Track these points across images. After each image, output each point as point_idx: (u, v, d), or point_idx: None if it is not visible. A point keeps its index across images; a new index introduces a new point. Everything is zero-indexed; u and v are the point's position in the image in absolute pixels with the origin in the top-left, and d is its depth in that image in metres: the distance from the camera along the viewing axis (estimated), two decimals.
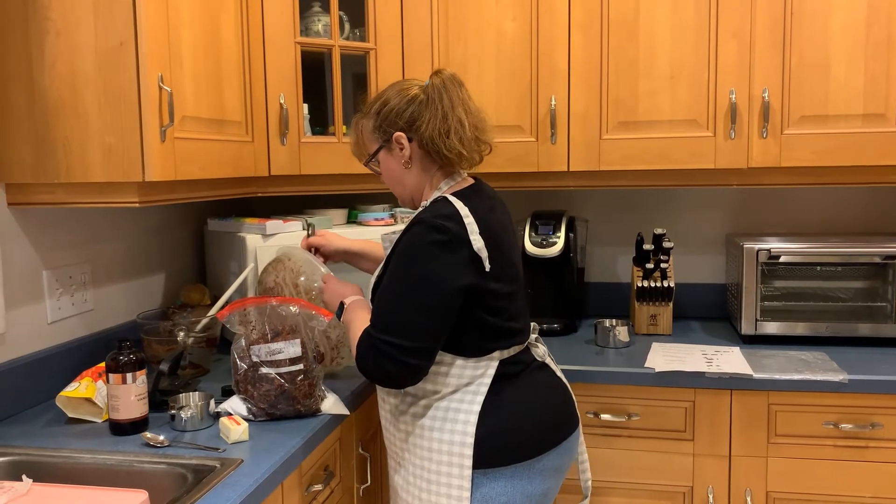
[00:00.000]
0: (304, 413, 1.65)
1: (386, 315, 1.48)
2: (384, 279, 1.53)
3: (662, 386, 2.00)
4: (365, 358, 1.48)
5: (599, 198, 2.67)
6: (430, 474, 1.53)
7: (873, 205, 2.50)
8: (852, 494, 1.95)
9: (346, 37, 2.26)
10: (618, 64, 2.20)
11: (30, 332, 1.77)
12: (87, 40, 1.55)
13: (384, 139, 1.61)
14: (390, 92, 1.63)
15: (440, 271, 1.46)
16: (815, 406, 1.95)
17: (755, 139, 2.14)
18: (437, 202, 1.54)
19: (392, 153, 1.62)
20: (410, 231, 1.49)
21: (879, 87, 2.07)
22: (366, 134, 1.65)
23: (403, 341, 1.44)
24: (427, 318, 1.46)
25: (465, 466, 1.50)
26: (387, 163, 1.64)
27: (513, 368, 1.57)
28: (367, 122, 1.64)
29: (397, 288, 1.48)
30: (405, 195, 1.67)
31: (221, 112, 1.85)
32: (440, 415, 1.54)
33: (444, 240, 1.46)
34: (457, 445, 1.51)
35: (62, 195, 1.64)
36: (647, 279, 2.37)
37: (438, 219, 1.47)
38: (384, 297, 1.50)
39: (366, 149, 1.67)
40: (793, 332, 2.23)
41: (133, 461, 1.44)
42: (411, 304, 1.46)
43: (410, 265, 1.47)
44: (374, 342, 1.47)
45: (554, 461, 1.59)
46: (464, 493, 1.50)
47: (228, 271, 2.23)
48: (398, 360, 1.45)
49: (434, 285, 1.45)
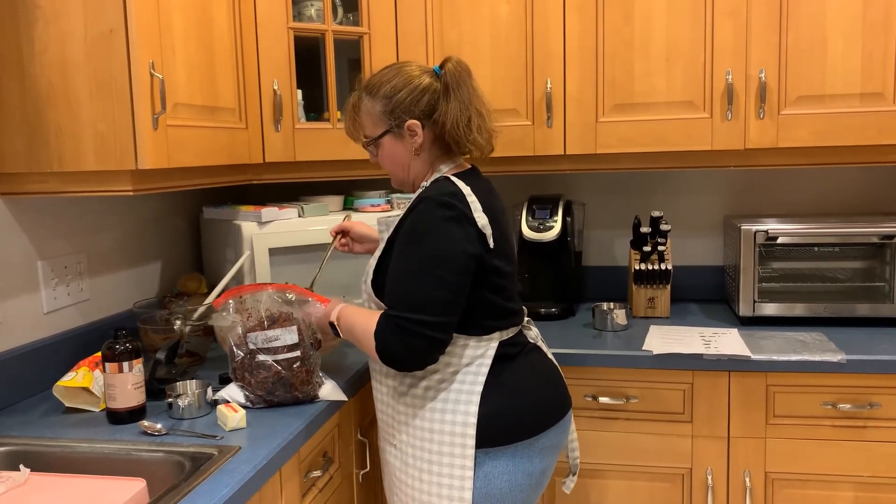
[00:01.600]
0: (301, 400, 1.65)
1: (405, 293, 1.48)
2: (393, 261, 1.52)
3: (660, 368, 2.00)
4: (389, 341, 1.47)
5: (596, 181, 2.66)
6: (431, 455, 1.54)
7: (871, 185, 2.49)
8: (851, 474, 1.96)
9: (340, 21, 2.24)
10: (613, 46, 2.18)
11: (26, 323, 1.77)
12: (76, 27, 1.54)
13: (394, 124, 1.59)
14: (399, 77, 1.59)
15: (452, 244, 1.47)
16: (813, 387, 1.95)
17: (752, 120, 2.13)
18: (439, 181, 1.56)
19: (401, 139, 1.60)
20: (416, 209, 1.50)
21: (877, 66, 2.06)
22: (370, 115, 1.61)
23: (428, 316, 1.44)
24: (447, 290, 1.47)
25: (467, 446, 1.51)
26: (392, 147, 1.62)
27: (511, 350, 1.60)
28: (374, 104, 1.60)
29: (411, 265, 1.48)
30: (406, 179, 1.66)
31: (214, 99, 1.84)
32: (441, 395, 1.55)
33: (451, 215, 1.48)
34: (459, 425, 1.52)
35: (55, 184, 1.63)
36: (644, 262, 2.37)
37: (444, 196, 1.49)
38: (398, 277, 1.50)
39: (365, 130, 1.64)
40: (791, 313, 2.23)
41: (131, 450, 1.44)
42: (429, 279, 1.46)
43: (421, 241, 1.48)
44: (398, 322, 1.45)
45: (552, 440, 1.62)
46: (466, 472, 1.51)
47: (224, 259, 2.22)
48: (425, 336, 1.45)
49: (448, 258, 1.47)
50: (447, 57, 1.61)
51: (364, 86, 1.63)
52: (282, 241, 2.10)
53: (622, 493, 2.09)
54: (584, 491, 2.10)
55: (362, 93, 1.63)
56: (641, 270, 2.36)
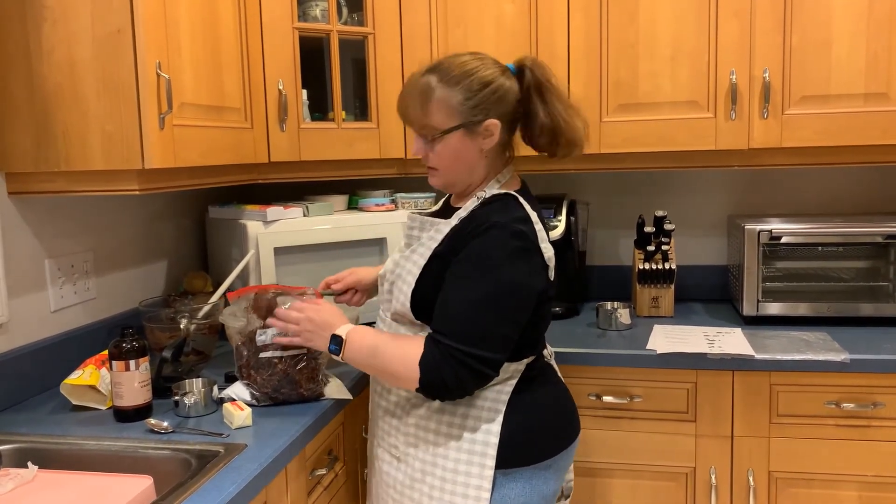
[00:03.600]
0: (307, 398, 1.65)
1: (466, 324, 1.38)
2: (451, 285, 1.42)
3: (664, 367, 2.00)
4: (440, 372, 1.37)
5: (600, 181, 2.67)
6: (445, 472, 1.47)
7: (875, 184, 2.49)
8: (854, 473, 1.96)
9: (344, 21, 2.25)
10: (618, 45, 2.19)
11: (33, 321, 1.78)
12: (84, 27, 1.55)
13: (473, 120, 1.45)
14: (485, 70, 1.46)
15: (522, 279, 1.40)
16: (816, 386, 1.95)
17: (756, 120, 2.13)
18: (507, 202, 1.46)
19: (473, 137, 1.47)
20: (487, 234, 1.40)
21: (881, 66, 2.06)
22: (445, 106, 1.45)
23: (486, 352, 1.37)
24: (509, 327, 1.40)
25: (486, 466, 1.45)
26: (460, 144, 1.47)
27: (532, 371, 1.54)
28: (452, 94, 1.44)
29: (476, 295, 1.38)
30: (463, 180, 1.52)
31: (220, 98, 1.85)
32: (461, 411, 1.48)
33: (523, 247, 1.40)
34: (479, 444, 1.46)
35: (63, 184, 1.64)
36: (648, 262, 2.37)
37: (517, 223, 1.41)
38: (459, 304, 1.39)
39: (433, 118, 1.46)
40: (794, 313, 2.23)
41: (137, 447, 1.45)
42: (493, 314, 1.38)
43: (490, 272, 1.38)
44: (453, 353, 1.36)
45: (565, 461, 1.58)
46: (483, 493, 1.44)
47: (230, 258, 2.23)
48: (479, 372, 1.37)
49: (516, 294, 1.40)
50: (523, 57, 1.51)
51: (438, 71, 1.47)
52: (287, 240, 2.11)
53: (626, 491, 2.09)
54: (588, 490, 2.11)
55: (434, 78, 1.46)
56: (645, 270, 2.37)
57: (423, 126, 1.48)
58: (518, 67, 1.51)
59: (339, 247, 2.19)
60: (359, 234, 2.19)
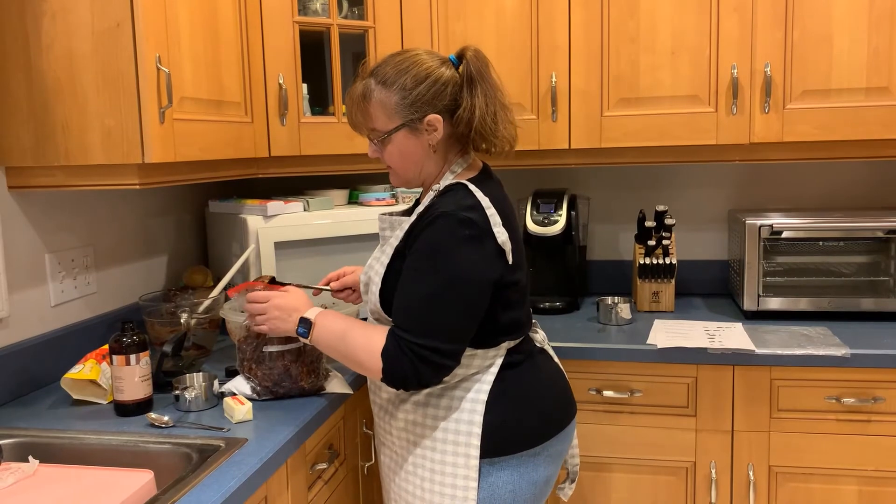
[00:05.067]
0: (307, 392, 1.65)
1: (420, 317, 1.39)
2: (405, 279, 1.43)
3: (665, 362, 2.00)
4: (399, 364, 1.39)
5: (601, 175, 2.66)
6: (433, 464, 1.49)
7: (875, 179, 2.49)
8: (854, 468, 1.96)
9: (345, 15, 2.24)
10: (618, 39, 2.18)
11: (33, 316, 1.78)
12: (83, 21, 1.54)
13: (413, 118, 1.46)
14: (417, 67, 1.46)
15: (472, 268, 1.40)
16: (817, 381, 1.95)
17: (757, 114, 2.13)
18: (457, 190, 1.46)
19: (418, 134, 1.48)
20: (434, 225, 1.40)
21: (882, 61, 2.05)
22: (384, 108, 1.47)
23: (441, 343, 1.38)
24: (463, 317, 1.41)
25: (471, 456, 1.46)
26: (405, 143, 1.49)
27: (517, 357, 1.54)
28: (389, 95, 1.46)
29: (427, 288, 1.39)
30: (415, 177, 1.55)
31: (220, 93, 1.85)
32: (444, 403, 1.49)
33: (472, 234, 1.39)
34: (463, 435, 1.47)
35: (62, 178, 1.64)
36: (649, 256, 2.37)
37: (463, 211, 1.40)
38: (413, 297, 1.41)
39: (376, 122, 1.49)
40: (795, 308, 2.24)
41: (138, 442, 1.45)
42: (445, 305, 1.39)
43: (439, 263, 1.39)
44: (410, 347, 1.38)
45: (557, 447, 1.58)
46: (470, 482, 1.46)
47: (230, 253, 2.23)
48: (436, 364, 1.39)
49: (468, 283, 1.40)
50: (464, 46, 1.49)
51: (375, 74, 1.49)
52: (287, 234, 2.11)
53: (626, 486, 2.10)
54: (588, 484, 2.11)
55: (372, 82, 1.48)
56: (646, 265, 2.36)
57: (369, 130, 1.52)
58: (458, 57, 1.50)
59: (340, 241, 2.19)
60: (359, 228, 2.19)
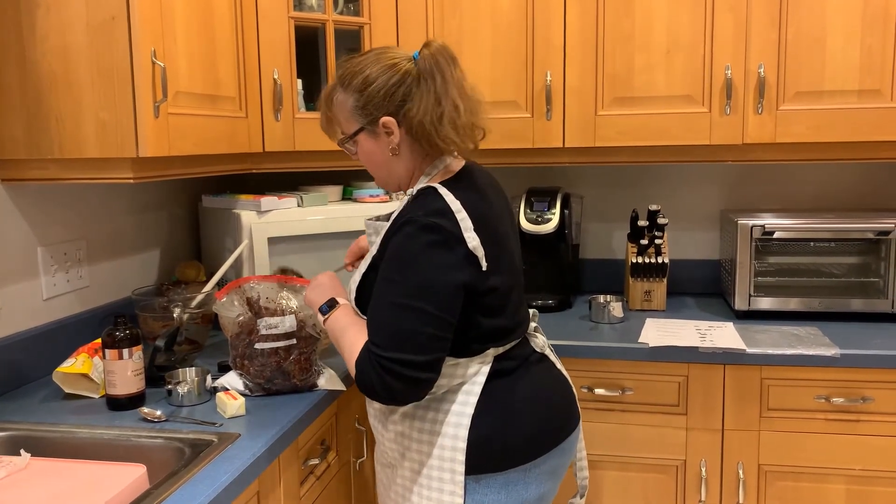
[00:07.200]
0: (300, 388, 1.66)
1: (388, 328, 1.32)
2: (375, 288, 1.36)
3: (656, 361, 2.01)
4: (368, 378, 1.31)
5: (595, 174, 2.67)
6: (421, 478, 1.43)
7: (867, 180, 2.50)
8: (843, 467, 1.97)
9: (340, 11, 2.24)
10: (614, 38, 2.19)
11: (25, 309, 1.77)
12: (78, 14, 1.54)
13: (367, 121, 1.42)
14: (373, 66, 1.41)
15: (439, 275, 1.32)
16: (807, 380, 1.97)
17: (750, 115, 2.14)
18: (426, 195, 1.37)
19: (377, 138, 1.43)
20: (401, 232, 1.33)
21: (875, 63, 2.07)
22: (343, 111, 1.44)
23: (412, 356, 1.30)
24: (433, 326, 1.31)
25: (456, 472, 1.39)
26: (368, 146, 1.45)
27: (508, 364, 1.46)
28: (346, 98, 1.43)
29: (394, 298, 1.32)
30: (390, 181, 1.49)
31: (215, 87, 1.84)
32: (430, 416, 1.43)
33: (437, 239, 1.32)
34: (448, 450, 1.40)
35: (56, 171, 1.63)
36: (641, 255, 2.38)
37: (430, 216, 1.32)
38: (381, 308, 1.34)
39: (341, 126, 1.47)
40: (786, 308, 2.25)
41: (130, 436, 1.45)
42: (413, 314, 1.30)
43: (405, 271, 1.32)
44: (379, 360, 1.30)
45: (552, 463, 1.48)
46: (456, 499, 1.39)
47: (223, 248, 2.23)
48: (407, 377, 1.30)
49: (435, 291, 1.31)
50: (428, 41, 1.42)
51: (340, 76, 1.45)
52: (281, 230, 2.11)
53: (617, 483, 2.11)
54: None
55: (337, 84, 1.45)
56: (638, 263, 2.37)
57: (335, 133, 1.49)
58: (420, 53, 1.42)
59: (333, 237, 2.19)
60: (353, 224, 2.19)
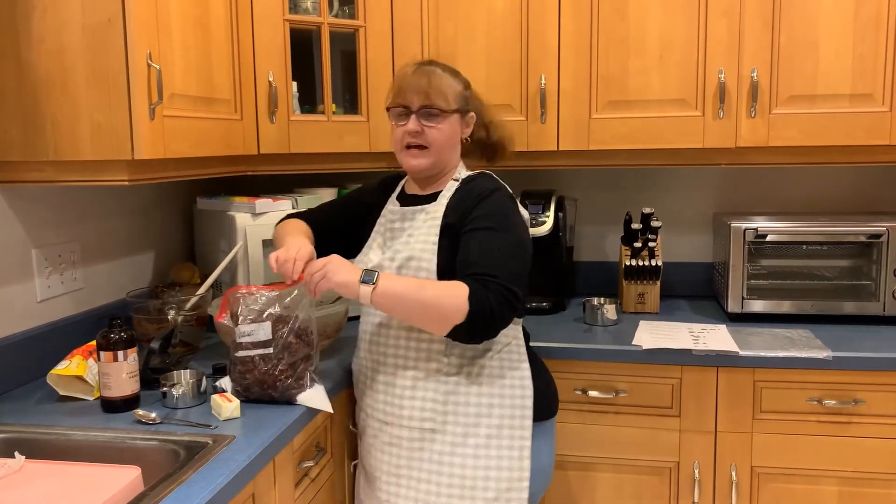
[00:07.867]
0: (277, 400, 1.59)
1: (503, 264, 1.54)
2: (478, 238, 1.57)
3: (650, 363, 2.02)
4: (488, 303, 1.48)
5: (588, 177, 2.68)
6: (490, 429, 1.60)
7: (859, 184, 2.52)
8: (835, 469, 1.99)
9: (335, 14, 2.24)
10: (608, 42, 2.20)
11: (19, 311, 1.77)
12: (74, 16, 1.54)
13: (465, 108, 1.72)
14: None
15: (525, 234, 1.66)
16: (799, 383, 1.98)
17: (743, 119, 2.15)
18: (490, 177, 1.72)
19: (462, 125, 1.74)
20: (492, 197, 1.63)
21: (867, 67, 2.08)
22: (452, 90, 1.69)
23: (519, 290, 1.54)
24: (524, 272, 1.61)
25: (526, 417, 1.63)
26: (453, 127, 1.71)
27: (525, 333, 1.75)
28: (456, 83, 1.71)
29: (504, 243, 1.58)
30: (442, 161, 1.71)
31: (210, 90, 1.84)
32: (496, 369, 1.64)
33: (517, 208, 1.67)
34: (518, 398, 1.63)
35: (51, 173, 1.63)
36: (635, 258, 2.39)
37: (507, 190, 1.69)
38: (494, 249, 1.56)
39: (438, 98, 1.66)
40: (778, 310, 2.26)
41: (125, 438, 1.45)
42: (518, 258, 1.59)
43: (509, 226, 1.60)
44: (498, 288, 1.50)
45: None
46: (525, 442, 1.61)
47: (218, 250, 2.23)
48: (513, 308, 1.53)
49: (526, 245, 1.64)
50: None
51: (438, 64, 1.73)
52: None
53: (610, 486, 2.11)
54: (572, 484, 2.13)
55: (439, 68, 1.70)
56: (632, 266, 2.38)
57: (427, 103, 1.65)
58: None
59: None
60: None
